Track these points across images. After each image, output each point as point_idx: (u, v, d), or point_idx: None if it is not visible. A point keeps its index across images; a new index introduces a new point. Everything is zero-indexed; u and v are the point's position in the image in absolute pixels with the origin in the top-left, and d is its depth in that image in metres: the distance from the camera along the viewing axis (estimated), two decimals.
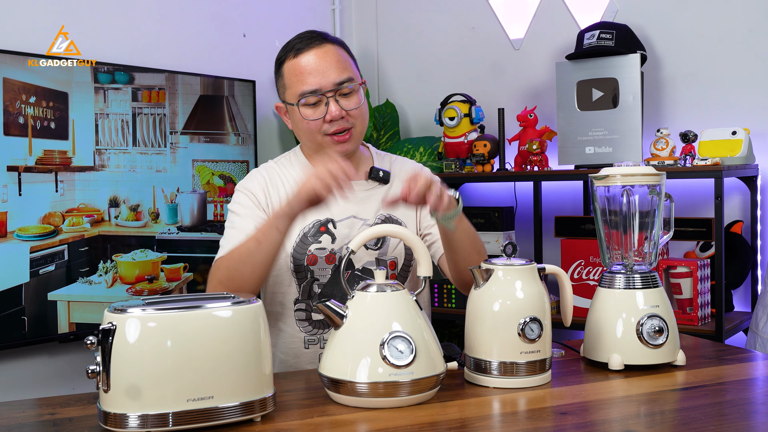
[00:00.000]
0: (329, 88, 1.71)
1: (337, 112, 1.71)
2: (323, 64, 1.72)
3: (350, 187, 1.52)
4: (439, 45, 3.49)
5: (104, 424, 1.21)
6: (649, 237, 1.62)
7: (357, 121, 1.75)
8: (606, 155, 2.71)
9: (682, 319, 2.50)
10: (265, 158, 3.23)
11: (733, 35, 2.76)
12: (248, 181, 1.81)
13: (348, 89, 1.73)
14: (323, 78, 1.71)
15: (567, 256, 2.80)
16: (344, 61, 1.75)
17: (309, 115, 1.73)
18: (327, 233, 1.76)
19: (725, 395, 1.41)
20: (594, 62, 2.74)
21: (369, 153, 1.91)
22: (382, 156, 1.92)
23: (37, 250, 2.49)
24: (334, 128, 1.73)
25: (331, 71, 1.72)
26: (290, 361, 1.78)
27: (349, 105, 1.73)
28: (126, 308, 1.20)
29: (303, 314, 1.77)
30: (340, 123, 1.72)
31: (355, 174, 1.52)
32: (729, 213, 2.73)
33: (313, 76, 1.71)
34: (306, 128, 1.75)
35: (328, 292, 1.76)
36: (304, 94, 1.72)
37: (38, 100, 2.49)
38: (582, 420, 1.28)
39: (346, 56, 1.77)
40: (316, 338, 1.78)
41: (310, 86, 1.71)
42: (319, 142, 1.76)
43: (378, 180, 1.80)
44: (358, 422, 1.27)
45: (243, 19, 3.26)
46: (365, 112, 1.79)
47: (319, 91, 1.71)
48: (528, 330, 1.42)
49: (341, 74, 1.72)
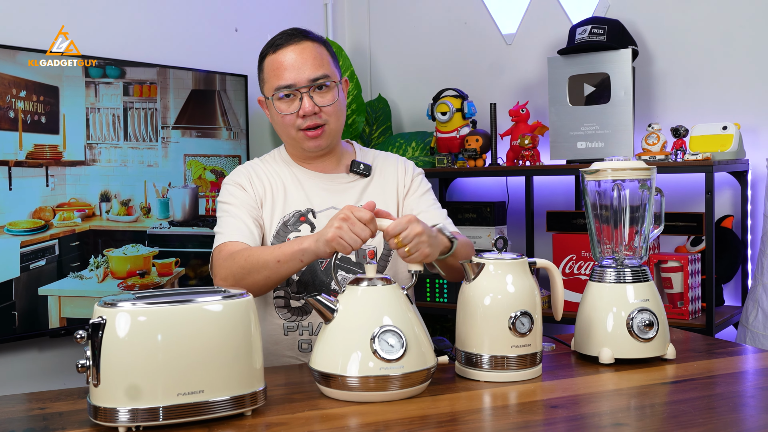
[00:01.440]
0: (303, 84, 1.76)
1: (309, 108, 1.75)
2: (299, 60, 1.76)
3: (372, 235, 1.50)
4: (431, 40, 3.49)
5: (94, 418, 1.21)
6: (639, 231, 1.62)
7: (331, 118, 1.79)
8: (597, 150, 2.71)
9: (673, 314, 2.51)
10: (256, 153, 3.23)
11: (725, 31, 2.77)
12: (235, 175, 1.86)
13: (323, 86, 1.77)
14: (298, 73, 1.75)
15: (558, 250, 2.81)
16: (321, 59, 1.78)
17: (283, 109, 1.78)
18: (306, 223, 1.80)
19: (715, 388, 1.42)
20: (586, 57, 2.74)
21: (353, 149, 1.95)
22: (366, 152, 1.96)
23: (27, 245, 2.48)
24: (307, 123, 1.77)
25: (306, 67, 1.76)
26: (270, 348, 1.79)
27: (323, 101, 1.77)
28: (116, 302, 1.20)
29: (282, 301, 1.80)
30: (313, 119, 1.77)
31: (372, 220, 1.49)
32: (719, 208, 2.74)
33: (288, 71, 1.76)
34: (281, 122, 1.80)
35: (306, 279, 1.77)
36: (279, 89, 1.77)
37: (29, 94, 2.48)
38: (572, 413, 1.28)
39: (325, 54, 1.81)
40: (294, 325, 1.79)
41: (285, 81, 1.76)
42: (293, 137, 1.81)
43: (358, 173, 1.86)
44: (349, 416, 1.27)
45: (235, 14, 3.25)
46: (340, 110, 1.82)
47: (294, 86, 1.76)
48: (519, 324, 1.42)
49: (316, 71, 1.76)
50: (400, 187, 1.89)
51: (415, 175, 1.92)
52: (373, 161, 1.92)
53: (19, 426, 1.27)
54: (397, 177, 1.90)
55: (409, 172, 1.92)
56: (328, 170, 1.87)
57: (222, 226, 1.78)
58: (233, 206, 1.79)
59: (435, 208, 1.87)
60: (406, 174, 1.91)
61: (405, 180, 1.90)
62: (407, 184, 1.90)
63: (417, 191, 1.90)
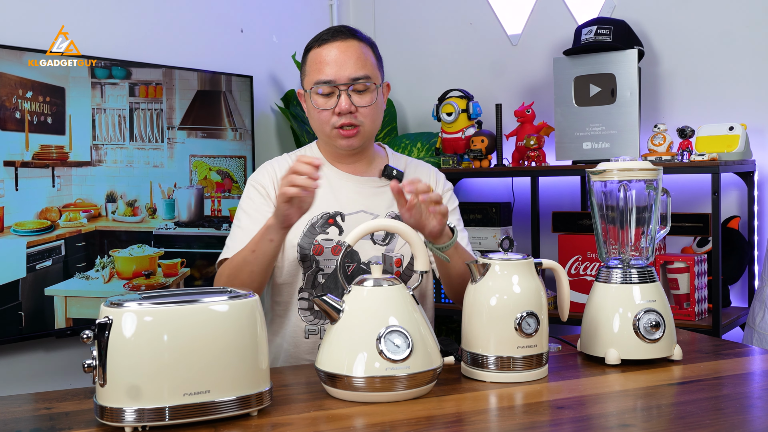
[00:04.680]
0: (343, 81, 1.74)
1: (346, 106, 1.74)
2: (343, 57, 1.75)
3: (315, 175, 1.52)
4: (436, 41, 3.49)
5: (100, 418, 1.21)
6: (645, 232, 1.62)
7: (366, 119, 1.78)
8: (603, 151, 2.71)
9: (679, 315, 2.51)
10: (262, 154, 3.24)
11: (731, 31, 2.76)
12: (258, 174, 1.86)
13: (363, 86, 1.76)
14: (339, 70, 1.74)
15: (564, 251, 2.80)
16: (365, 59, 1.77)
17: (320, 104, 1.76)
18: (335, 225, 1.79)
19: (722, 390, 1.42)
20: (591, 58, 2.74)
21: (385, 153, 1.94)
22: (398, 157, 1.94)
23: (34, 245, 2.49)
24: (341, 121, 1.75)
25: (348, 65, 1.74)
26: (290, 350, 1.80)
27: (360, 102, 1.76)
28: (122, 302, 1.20)
29: (306, 303, 1.80)
30: (348, 117, 1.75)
31: (319, 162, 1.52)
32: (726, 208, 2.73)
33: (330, 66, 1.74)
34: (316, 117, 1.79)
35: (331, 283, 1.78)
36: (319, 83, 1.75)
37: (35, 95, 2.49)
38: (579, 414, 1.28)
39: (370, 55, 1.80)
40: (316, 328, 1.79)
41: (325, 76, 1.74)
42: (327, 134, 1.79)
43: (390, 178, 1.83)
44: (355, 416, 1.27)
45: (240, 15, 3.25)
46: (377, 112, 1.81)
47: (333, 83, 1.74)
48: (525, 324, 1.42)
49: (358, 70, 1.75)
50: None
51: (446, 190, 1.91)
52: (405, 167, 1.90)
53: (25, 426, 1.27)
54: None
55: (440, 185, 1.91)
56: (359, 172, 1.86)
57: (232, 239, 1.79)
58: (247, 215, 1.79)
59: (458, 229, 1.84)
60: (437, 187, 1.90)
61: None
62: None
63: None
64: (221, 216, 3.00)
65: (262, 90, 3.27)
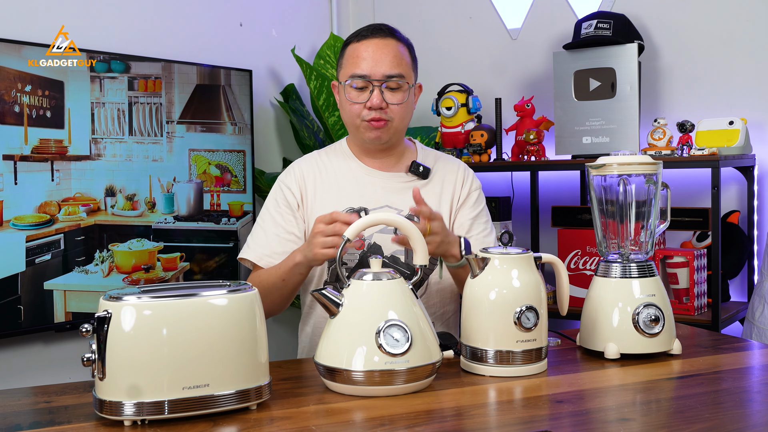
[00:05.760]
0: (378, 77, 1.78)
1: (377, 101, 1.78)
2: (379, 54, 1.79)
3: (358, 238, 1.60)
4: (436, 35, 3.48)
5: (100, 412, 1.21)
6: (645, 226, 1.62)
7: (396, 116, 1.81)
8: (603, 145, 2.71)
9: (679, 309, 2.51)
10: (261, 148, 3.24)
11: (731, 25, 2.75)
12: (286, 175, 1.91)
13: (396, 84, 1.80)
14: (375, 66, 1.78)
15: (564, 245, 2.80)
16: (400, 58, 1.82)
17: (353, 97, 1.80)
18: None
19: (721, 384, 1.42)
20: (591, 52, 2.73)
21: (414, 147, 1.96)
22: (427, 152, 1.96)
23: (33, 239, 2.49)
24: (372, 116, 1.79)
25: (384, 62, 1.79)
26: (316, 339, 1.81)
27: (392, 99, 1.80)
28: (121, 296, 1.20)
29: None
30: (378, 113, 1.79)
31: (353, 218, 1.56)
32: (726, 203, 2.73)
33: (366, 62, 1.79)
34: (348, 109, 1.82)
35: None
36: (354, 77, 1.79)
37: (34, 89, 2.48)
38: (578, 408, 1.28)
39: (406, 55, 1.85)
40: None
41: (361, 70, 1.79)
42: (356, 125, 1.82)
43: (417, 174, 1.87)
44: (354, 410, 1.27)
45: (240, 9, 3.24)
46: (407, 111, 1.85)
47: (368, 77, 1.78)
48: (524, 319, 1.42)
49: (393, 68, 1.79)
50: (455, 196, 1.90)
51: (473, 189, 1.92)
52: (434, 163, 1.92)
53: (25, 419, 1.28)
54: (455, 185, 1.90)
55: (468, 183, 1.92)
56: (386, 168, 1.89)
57: (253, 238, 1.87)
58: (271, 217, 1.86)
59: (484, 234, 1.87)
60: (464, 185, 1.91)
61: (462, 191, 1.91)
62: (463, 196, 1.90)
63: (471, 207, 1.90)
64: (220, 210, 3.00)
65: (261, 84, 3.26)
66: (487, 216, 1.94)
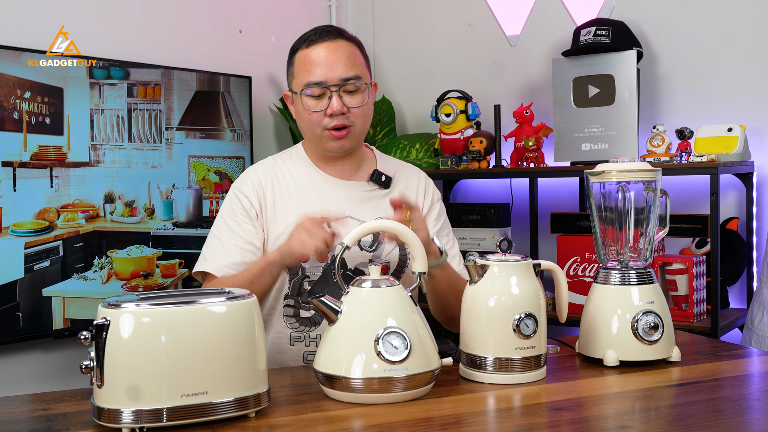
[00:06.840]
0: (334, 82, 1.71)
1: (338, 107, 1.71)
2: (332, 58, 1.72)
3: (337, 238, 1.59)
4: (435, 41, 3.49)
5: (98, 419, 1.21)
6: (644, 233, 1.62)
7: (358, 120, 1.75)
8: (602, 152, 2.71)
9: (678, 316, 2.51)
10: (261, 154, 3.24)
11: (730, 32, 2.76)
12: (242, 183, 1.82)
13: (354, 86, 1.73)
14: (330, 71, 1.71)
15: (563, 252, 2.80)
16: (354, 59, 1.75)
17: (311, 106, 1.73)
18: None
19: (720, 391, 1.41)
20: (590, 59, 2.74)
21: (372, 155, 1.90)
22: (386, 159, 1.91)
23: (31, 246, 2.49)
24: (333, 123, 1.73)
25: (339, 66, 1.72)
26: (274, 356, 1.77)
27: (352, 102, 1.73)
28: (120, 303, 1.19)
29: (291, 310, 1.77)
30: (340, 119, 1.73)
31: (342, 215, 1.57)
32: (725, 210, 2.73)
33: (320, 68, 1.71)
34: (307, 119, 1.75)
35: (318, 290, 1.75)
36: (309, 85, 1.72)
37: (33, 96, 2.48)
38: (577, 416, 1.27)
39: (359, 55, 1.77)
40: (302, 335, 1.77)
41: (316, 77, 1.72)
42: (318, 136, 1.76)
43: (379, 183, 1.81)
44: (353, 418, 1.27)
45: (239, 15, 3.25)
46: (368, 113, 1.79)
47: (324, 84, 1.71)
48: (523, 326, 1.42)
49: (349, 71, 1.72)
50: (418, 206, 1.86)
51: (435, 201, 1.89)
52: (394, 172, 1.87)
53: (23, 427, 1.27)
54: (417, 195, 1.86)
55: (430, 194, 1.89)
56: (347, 176, 1.82)
57: (209, 249, 1.79)
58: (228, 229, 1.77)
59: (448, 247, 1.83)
60: (426, 195, 1.88)
61: (425, 201, 1.87)
62: (426, 207, 1.87)
63: (434, 220, 1.87)
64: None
65: (260, 91, 3.27)
66: (449, 228, 1.90)
